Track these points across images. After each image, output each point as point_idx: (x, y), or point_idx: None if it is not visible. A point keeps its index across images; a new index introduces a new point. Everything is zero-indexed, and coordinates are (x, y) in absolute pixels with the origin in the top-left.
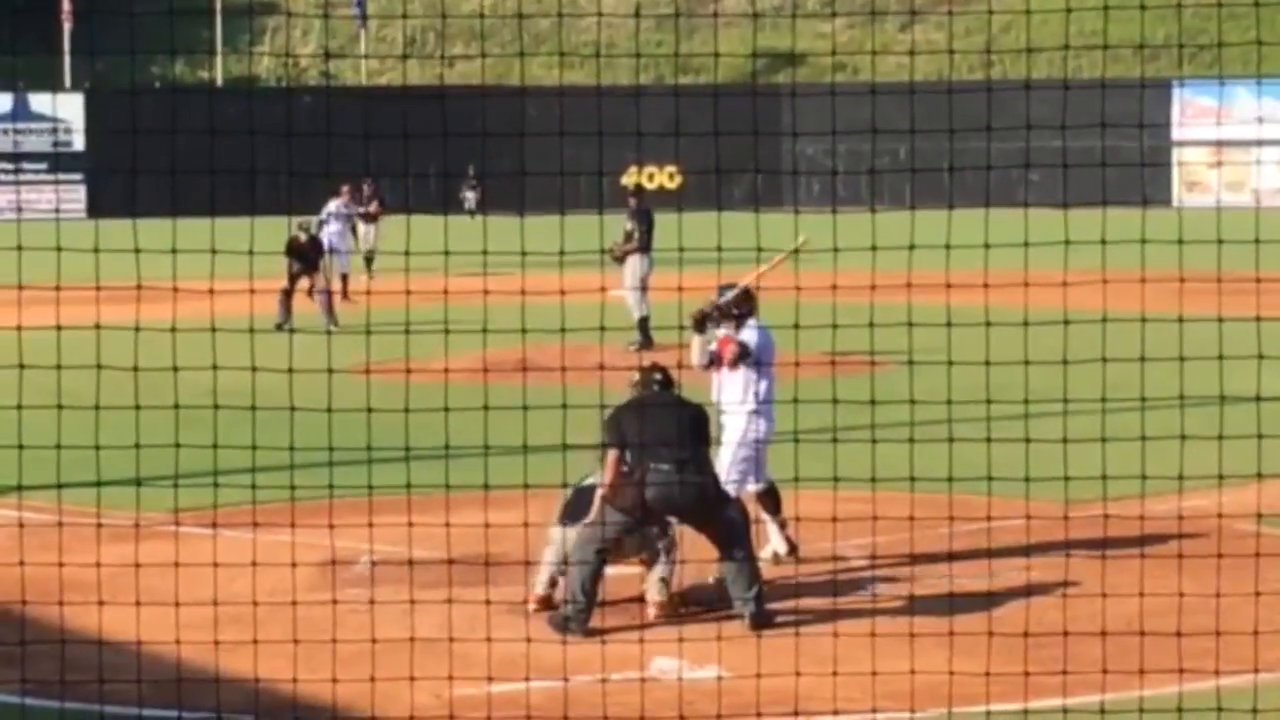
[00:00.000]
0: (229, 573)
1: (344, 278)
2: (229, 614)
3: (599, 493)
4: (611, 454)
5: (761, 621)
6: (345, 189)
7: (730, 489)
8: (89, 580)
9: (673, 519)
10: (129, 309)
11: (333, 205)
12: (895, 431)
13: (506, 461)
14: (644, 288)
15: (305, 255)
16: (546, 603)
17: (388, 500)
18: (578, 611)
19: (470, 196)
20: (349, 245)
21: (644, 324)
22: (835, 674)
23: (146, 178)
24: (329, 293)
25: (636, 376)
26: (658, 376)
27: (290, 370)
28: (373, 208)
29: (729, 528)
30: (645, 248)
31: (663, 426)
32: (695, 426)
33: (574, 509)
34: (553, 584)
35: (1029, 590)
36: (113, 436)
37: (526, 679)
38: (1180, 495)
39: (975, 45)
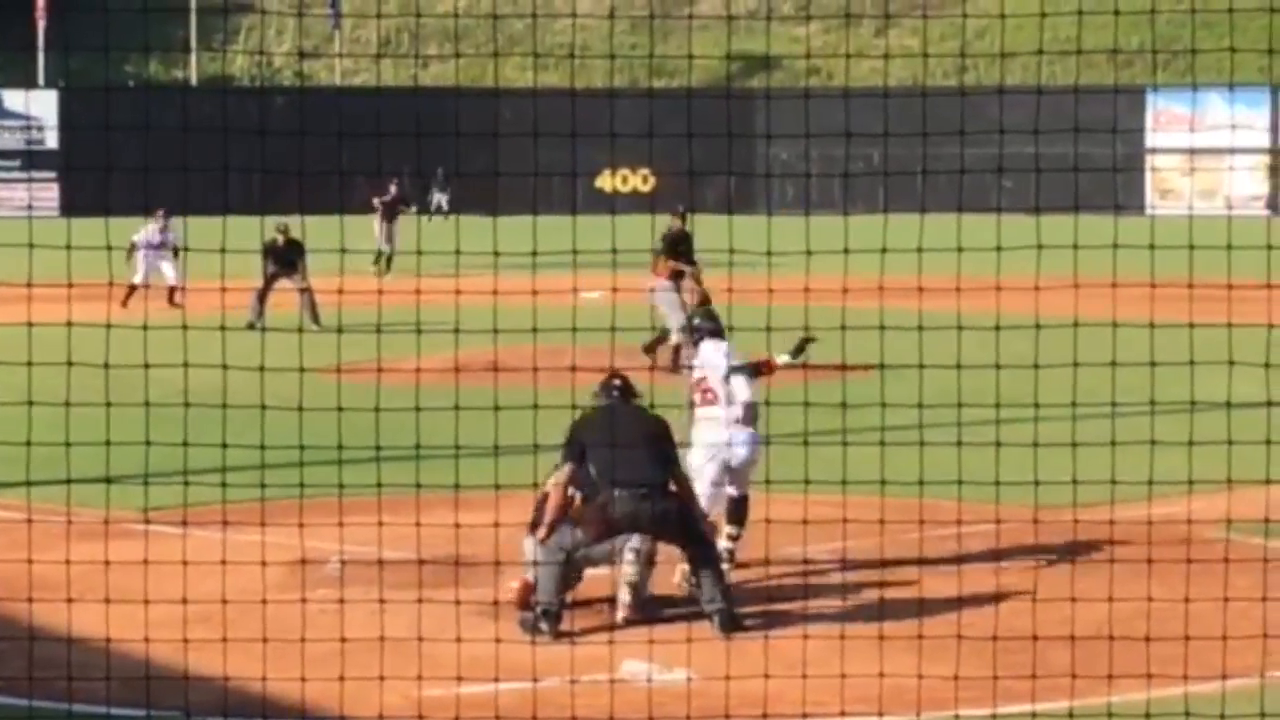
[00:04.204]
0: (198, 572)
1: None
2: (198, 613)
3: (551, 498)
4: (566, 469)
5: (731, 625)
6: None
7: (710, 493)
8: (58, 578)
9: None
10: (101, 307)
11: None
12: (866, 435)
13: (477, 462)
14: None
15: (282, 257)
16: (527, 590)
17: (358, 500)
18: (548, 613)
19: (440, 198)
20: None
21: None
22: (805, 677)
23: (120, 176)
24: (311, 291)
25: (597, 386)
26: (617, 383)
27: (261, 369)
28: (400, 206)
29: (695, 537)
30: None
31: (626, 448)
32: (659, 444)
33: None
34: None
35: (998, 595)
36: (83, 434)
37: (495, 680)
38: (1150, 501)
39: (949, 50)
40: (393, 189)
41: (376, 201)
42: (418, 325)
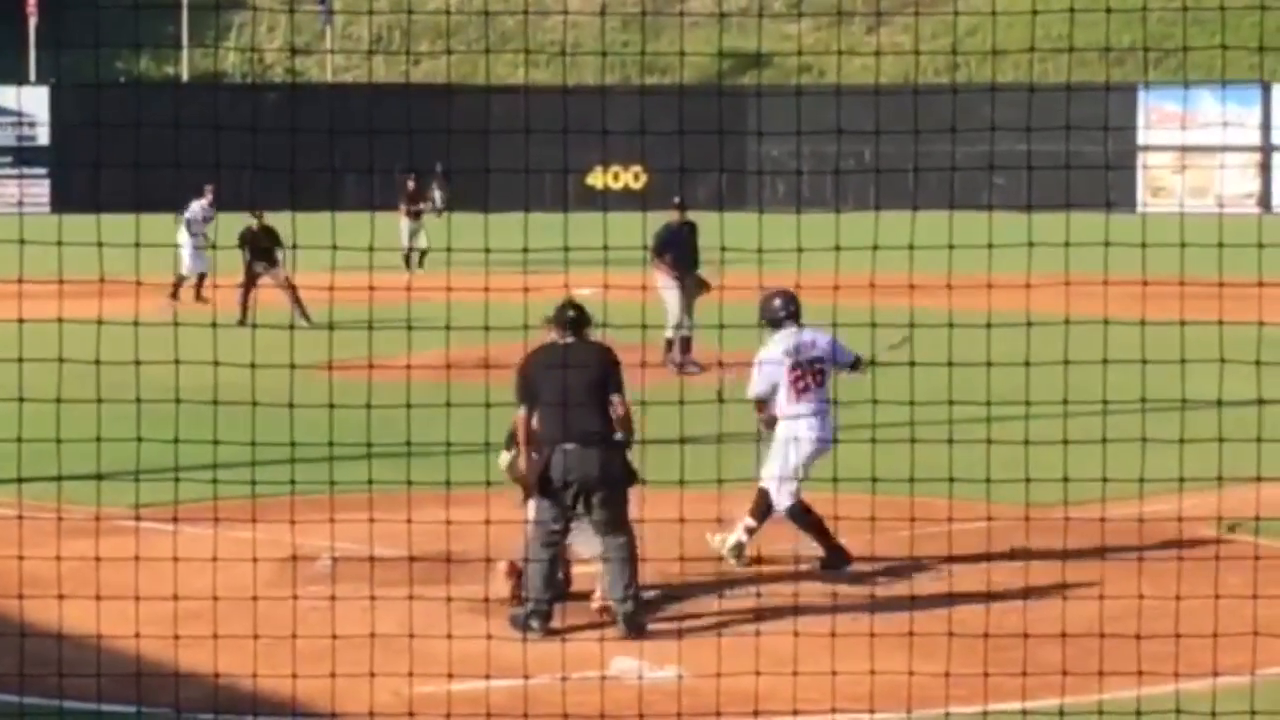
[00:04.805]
0: (189, 568)
1: (200, 278)
2: (189, 610)
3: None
4: (522, 412)
5: (635, 629)
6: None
7: (779, 488)
8: (49, 575)
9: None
10: (92, 303)
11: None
12: (856, 433)
13: (468, 459)
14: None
15: (259, 243)
16: (515, 572)
17: (349, 497)
18: (538, 610)
19: (438, 195)
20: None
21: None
22: (795, 674)
23: (111, 172)
24: (295, 288)
25: (551, 312)
26: (570, 314)
27: (252, 366)
28: (425, 205)
29: (619, 516)
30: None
31: (571, 393)
32: (603, 388)
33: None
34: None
35: (989, 592)
36: (74, 431)
37: (486, 677)
38: (1141, 499)
39: (941, 48)
40: (410, 185)
41: (404, 207)
42: (408, 322)
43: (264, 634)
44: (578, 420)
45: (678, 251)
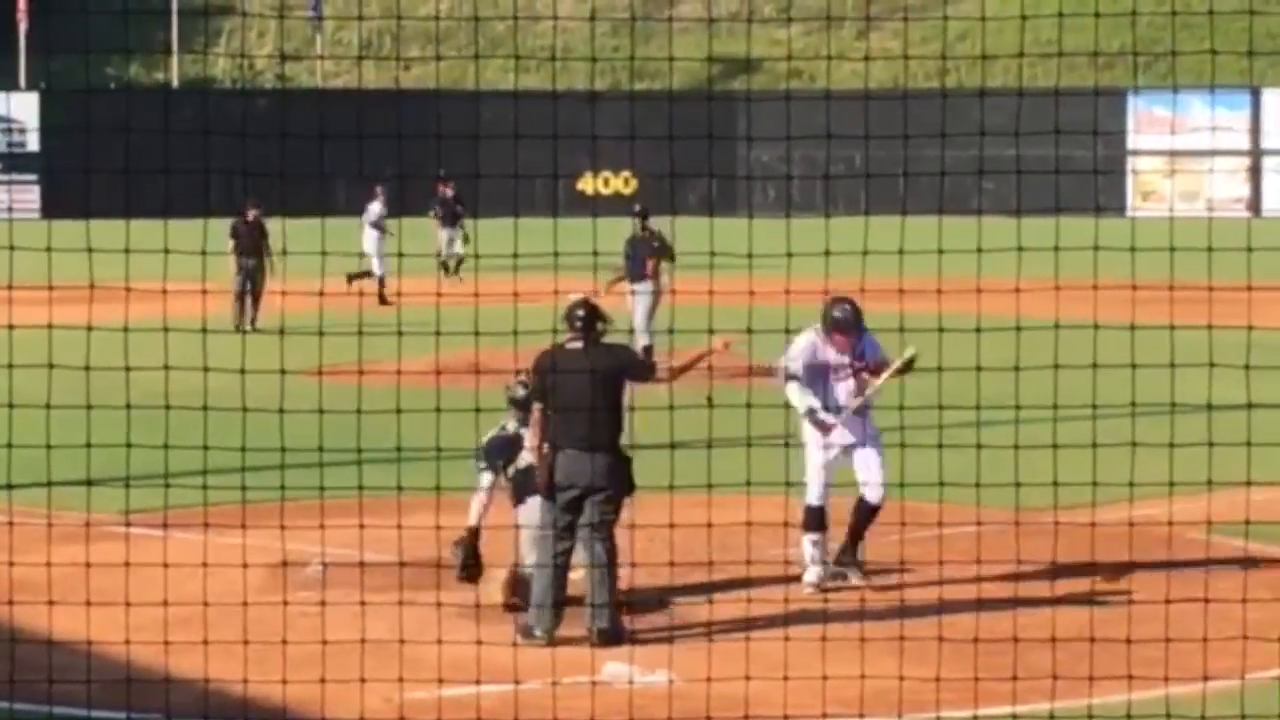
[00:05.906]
0: (180, 574)
1: (381, 280)
2: (179, 615)
3: (531, 436)
4: (537, 409)
5: (610, 639)
6: (379, 190)
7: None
8: (39, 581)
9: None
10: (81, 309)
11: (374, 209)
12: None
13: (458, 465)
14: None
15: (249, 234)
16: (515, 581)
17: (339, 503)
18: (545, 617)
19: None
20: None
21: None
22: (786, 679)
23: (101, 178)
24: (261, 294)
25: (564, 311)
26: (580, 314)
27: (242, 371)
28: (462, 210)
29: (607, 524)
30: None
31: (573, 397)
32: (612, 387)
33: (518, 489)
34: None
35: (980, 597)
36: (64, 437)
37: (477, 682)
38: (1131, 503)
39: (931, 53)
40: (448, 191)
41: (432, 214)
42: (399, 327)
43: (254, 639)
44: (578, 426)
45: (629, 261)
